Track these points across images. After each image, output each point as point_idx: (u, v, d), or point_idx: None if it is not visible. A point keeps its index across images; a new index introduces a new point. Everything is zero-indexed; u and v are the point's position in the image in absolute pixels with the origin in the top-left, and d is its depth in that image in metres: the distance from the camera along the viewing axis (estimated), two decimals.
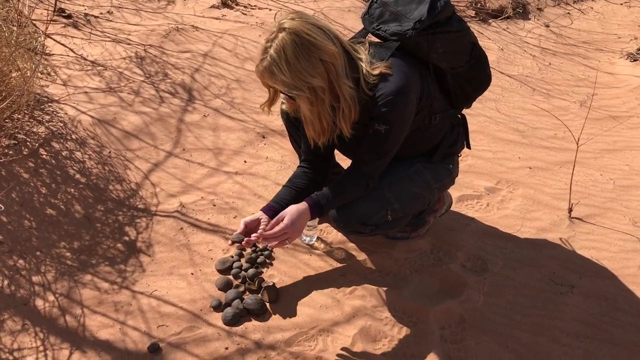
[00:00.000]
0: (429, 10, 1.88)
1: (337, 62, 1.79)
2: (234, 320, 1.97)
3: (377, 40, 2.02)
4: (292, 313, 2.03)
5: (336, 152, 2.25)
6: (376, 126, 1.88)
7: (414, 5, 1.92)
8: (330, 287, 2.15)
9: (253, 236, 1.89)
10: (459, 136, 2.20)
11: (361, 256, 2.29)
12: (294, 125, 2.21)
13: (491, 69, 2.16)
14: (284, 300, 2.08)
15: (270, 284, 2.11)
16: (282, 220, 1.91)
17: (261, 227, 1.95)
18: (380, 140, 1.90)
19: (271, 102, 1.97)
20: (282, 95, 1.90)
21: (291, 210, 1.93)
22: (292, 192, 2.07)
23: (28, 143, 2.49)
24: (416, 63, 1.95)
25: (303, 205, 1.94)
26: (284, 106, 2.11)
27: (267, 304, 2.05)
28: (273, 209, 2.00)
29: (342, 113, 1.86)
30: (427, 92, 1.96)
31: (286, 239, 1.93)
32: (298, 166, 2.17)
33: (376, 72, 1.85)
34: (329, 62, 1.77)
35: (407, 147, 2.02)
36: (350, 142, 1.98)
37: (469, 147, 2.29)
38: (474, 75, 2.10)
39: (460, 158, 2.95)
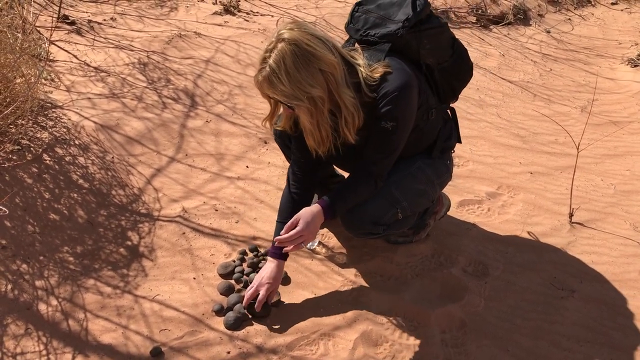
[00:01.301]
0: (413, 9, 1.96)
1: (337, 72, 1.80)
2: (235, 325, 1.98)
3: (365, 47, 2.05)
4: (294, 317, 2.04)
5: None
6: (382, 124, 1.90)
7: (396, 7, 2.00)
8: (331, 291, 2.15)
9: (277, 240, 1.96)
10: (452, 130, 2.24)
11: (362, 260, 2.30)
12: (286, 145, 2.25)
13: (492, 74, 2.19)
14: (286, 304, 2.09)
15: None
16: (297, 224, 1.92)
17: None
18: (388, 137, 1.93)
19: (272, 115, 1.99)
20: (282, 107, 1.91)
21: (305, 214, 1.94)
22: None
23: (32, 148, 2.51)
24: (409, 61, 1.99)
25: (316, 207, 1.95)
26: (277, 127, 2.12)
27: (270, 307, 2.06)
28: (279, 250, 2.05)
29: (344, 122, 1.88)
30: (423, 89, 2.00)
31: (301, 242, 1.94)
32: (286, 190, 2.18)
33: (376, 73, 1.87)
34: (328, 72, 1.78)
35: (408, 146, 2.04)
36: (351, 151, 2.00)
37: (460, 141, 2.31)
38: (458, 68, 2.16)
39: (461, 163, 2.98)
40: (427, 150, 2.15)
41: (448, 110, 2.26)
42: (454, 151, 2.30)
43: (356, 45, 2.06)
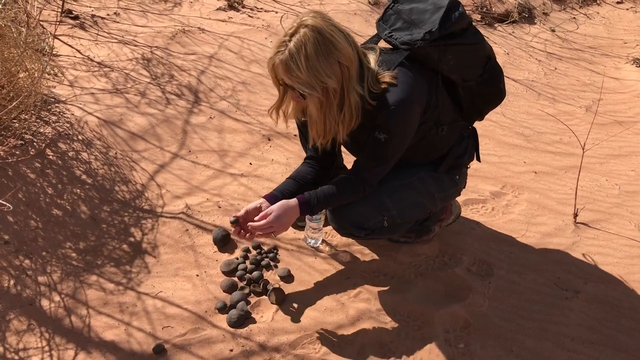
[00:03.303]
0: (441, 22, 1.84)
1: (353, 67, 1.77)
2: (238, 322, 1.98)
3: (388, 46, 2.00)
4: (297, 316, 2.03)
5: (345, 155, 2.26)
6: (376, 134, 1.87)
7: (428, 15, 1.88)
8: (335, 290, 2.15)
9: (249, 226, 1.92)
10: (468, 148, 2.16)
11: (366, 259, 2.29)
12: (304, 121, 2.20)
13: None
14: (289, 302, 2.08)
15: (276, 286, 2.12)
16: (270, 214, 1.90)
17: (241, 212, 1.96)
18: (380, 148, 1.90)
19: (279, 104, 1.94)
20: (290, 95, 1.88)
21: (279, 206, 1.91)
22: (295, 184, 2.07)
23: (35, 143, 2.50)
24: (425, 73, 1.92)
25: (293, 201, 1.93)
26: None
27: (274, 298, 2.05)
28: (275, 197, 2.00)
29: (342, 118, 1.85)
30: (434, 104, 1.93)
31: (271, 232, 1.93)
32: (304, 161, 2.17)
33: (381, 81, 1.83)
34: (345, 65, 1.75)
35: (412, 155, 2.01)
36: (354, 144, 1.98)
37: (478, 159, 2.27)
38: (486, 90, 2.06)
39: None
40: (435, 163, 2.11)
41: (469, 127, 2.18)
42: (468, 167, 2.25)
43: (379, 43, 2.00)
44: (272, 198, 2.00)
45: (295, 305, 2.07)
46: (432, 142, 2.03)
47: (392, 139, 1.87)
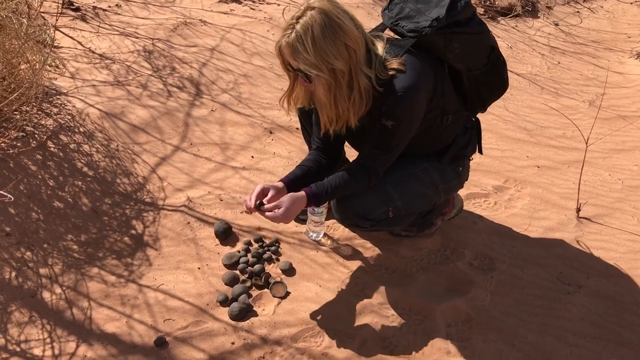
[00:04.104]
0: (448, 10, 1.86)
1: (360, 50, 1.77)
2: (240, 315, 1.98)
3: (394, 35, 2.00)
4: (299, 309, 2.03)
5: (348, 148, 2.25)
6: (384, 121, 1.86)
7: (434, 3, 1.90)
8: (336, 283, 2.14)
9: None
10: (471, 139, 2.16)
11: (368, 253, 2.28)
12: (306, 113, 2.20)
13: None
14: (291, 296, 2.08)
15: (278, 279, 2.11)
16: (281, 208, 1.88)
17: (268, 196, 1.94)
18: (387, 136, 1.89)
19: (291, 91, 1.94)
20: (299, 81, 1.86)
21: (287, 200, 1.88)
22: (306, 173, 2.06)
23: (36, 135, 2.49)
24: (432, 62, 1.92)
25: (301, 194, 1.92)
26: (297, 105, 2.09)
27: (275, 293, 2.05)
28: (291, 185, 2.00)
29: (352, 102, 1.84)
30: (440, 92, 1.93)
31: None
32: (312, 150, 2.15)
33: (389, 68, 1.83)
34: (352, 48, 1.75)
35: (417, 145, 2.00)
36: (359, 134, 1.97)
37: (480, 151, 2.26)
38: (490, 79, 2.07)
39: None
40: (439, 154, 2.10)
41: (473, 119, 2.18)
42: (471, 159, 2.25)
43: (385, 32, 1.99)
44: (290, 186, 1.99)
45: (297, 298, 2.07)
46: (437, 131, 2.02)
47: (400, 126, 1.87)
